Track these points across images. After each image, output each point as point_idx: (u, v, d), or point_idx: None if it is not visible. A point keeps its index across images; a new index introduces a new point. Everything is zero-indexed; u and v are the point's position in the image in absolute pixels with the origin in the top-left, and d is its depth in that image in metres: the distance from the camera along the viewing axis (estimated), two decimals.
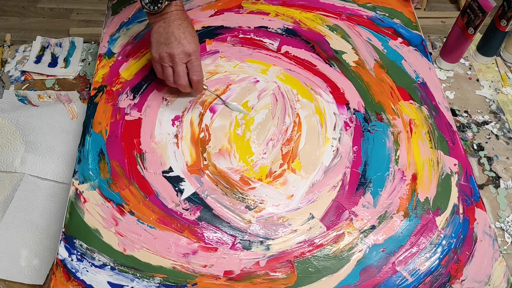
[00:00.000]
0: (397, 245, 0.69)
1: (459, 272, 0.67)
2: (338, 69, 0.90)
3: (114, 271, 0.66)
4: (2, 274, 0.75)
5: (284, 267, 0.67)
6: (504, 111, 0.93)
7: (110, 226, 0.69)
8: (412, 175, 0.76)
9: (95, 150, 0.77)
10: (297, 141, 0.80)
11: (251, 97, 0.85)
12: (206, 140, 0.79)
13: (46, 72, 1.00)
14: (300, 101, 0.85)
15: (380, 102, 0.86)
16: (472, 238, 0.70)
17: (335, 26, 0.98)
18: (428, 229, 0.71)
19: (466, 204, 0.74)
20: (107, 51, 0.91)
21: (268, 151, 0.78)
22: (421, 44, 0.95)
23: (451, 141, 0.81)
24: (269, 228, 0.70)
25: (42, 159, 0.84)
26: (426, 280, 0.66)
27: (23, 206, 0.81)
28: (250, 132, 0.81)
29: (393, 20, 1.00)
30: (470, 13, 0.91)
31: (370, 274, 0.66)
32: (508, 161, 0.86)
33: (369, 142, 0.80)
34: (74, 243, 0.68)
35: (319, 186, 0.75)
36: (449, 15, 1.53)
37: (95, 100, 0.83)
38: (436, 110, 0.85)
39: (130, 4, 1.00)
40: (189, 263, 0.67)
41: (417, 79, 0.89)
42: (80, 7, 1.54)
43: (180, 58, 0.76)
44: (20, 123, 0.89)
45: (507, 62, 1.03)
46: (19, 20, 1.57)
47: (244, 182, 0.75)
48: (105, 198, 0.72)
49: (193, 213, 0.71)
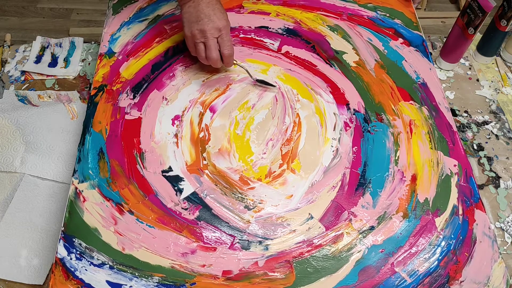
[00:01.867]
0: (396, 246, 0.69)
1: (458, 273, 0.67)
2: (338, 69, 0.90)
3: (113, 270, 0.66)
4: (2, 274, 0.75)
5: (282, 267, 0.67)
6: (504, 111, 0.93)
7: (109, 225, 0.69)
8: (412, 176, 0.76)
9: (95, 149, 0.77)
10: (297, 141, 0.80)
11: (252, 97, 0.85)
12: (206, 139, 0.79)
13: (46, 72, 1.00)
14: (300, 101, 0.85)
15: (380, 102, 0.85)
16: (471, 239, 0.70)
17: (336, 26, 0.97)
18: (427, 230, 0.71)
19: (465, 205, 0.73)
20: (108, 50, 0.91)
21: (268, 151, 0.78)
22: (422, 45, 0.95)
23: (451, 142, 0.81)
24: (268, 228, 0.70)
25: (42, 159, 0.84)
26: (425, 281, 0.66)
27: (23, 206, 0.81)
28: (250, 132, 0.81)
29: (394, 21, 0.99)
30: (470, 13, 0.91)
31: (368, 275, 0.66)
32: (508, 161, 0.86)
33: (369, 143, 0.80)
34: (73, 242, 0.68)
35: (318, 186, 0.75)
36: (449, 15, 1.52)
37: (95, 100, 0.83)
38: (436, 111, 0.85)
39: (130, 3, 1.00)
40: (187, 262, 0.67)
41: (417, 80, 0.89)
42: (80, 7, 1.55)
43: (211, 33, 0.79)
44: (20, 123, 0.89)
45: (507, 62, 1.03)
46: (19, 20, 1.57)
47: (243, 182, 0.75)
48: (104, 197, 0.72)
49: (192, 212, 0.71)
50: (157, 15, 0.97)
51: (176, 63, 0.89)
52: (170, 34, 0.94)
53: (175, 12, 0.98)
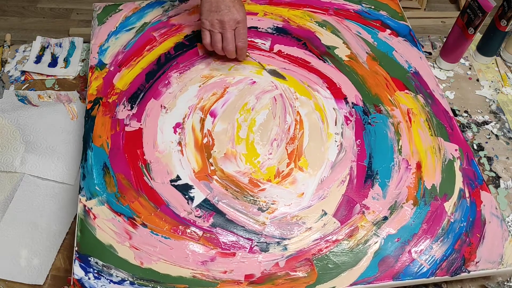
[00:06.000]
0: (410, 234, 0.70)
1: (472, 255, 0.69)
2: (332, 64, 0.91)
3: (134, 286, 0.64)
4: (2, 274, 0.74)
5: (303, 265, 0.67)
6: (504, 111, 0.94)
7: (124, 241, 0.68)
8: (417, 163, 0.78)
9: (98, 164, 0.75)
10: (301, 139, 0.80)
11: (250, 99, 0.85)
12: (210, 145, 0.79)
13: (46, 72, 0.99)
14: (298, 99, 0.85)
15: (377, 94, 0.87)
16: (481, 220, 0.72)
17: (324, 22, 0.98)
18: (438, 215, 0.72)
19: (471, 188, 0.75)
20: (98, 62, 0.89)
21: (274, 151, 0.79)
22: (409, 34, 0.97)
23: (450, 127, 0.83)
24: (284, 228, 0.70)
25: (42, 159, 0.83)
26: (442, 265, 0.68)
27: (23, 206, 0.80)
28: (253, 134, 0.81)
29: (380, 12, 1.01)
30: (470, 13, 0.90)
31: (388, 265, 0.67)
32: (508, 161, 0.87)
33: (371, 135, 0.81)
34: (89, 261, 0.66)
35: (327, 182, 0.75)
36: (449, 15, 1.53)
37: (92, 113, 0.81)
38: (431, 98, 0.86)
39: (115, 13, 0.98)
40: (208, 270, 0.66)
41: (409, 69, 0.91)
42: (80, 7, 1.53)
43: (230, 25, 0.81)
44: (20, 123, 0.88)
45: (507, 62, 1.03)
46: (19, 20, 1.55)
47: (253, 184, 0.75)
48: (115, 212, 0.71)
49: (207, 219, 0.71)
50: (144, 23, 0.96)
51: (170, 70, 0.88)
52: (160, 41, 0.92)
53: (161, 19, 0.97)
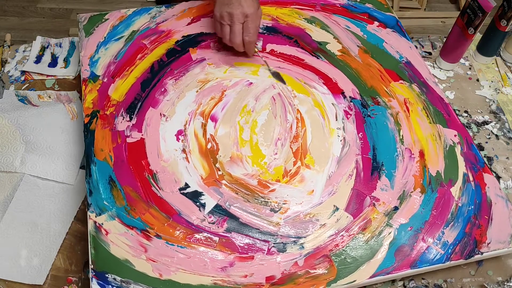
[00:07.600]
0: (422, 221, 0.72)
1: (483, 236, 0.71)
2: (325, 60, 0.92)
3: None
4: (2, 274, 0.72)
5: (322, 262, 0.68)
6: (504, 111, 0.94)
7: (139, 254, 0.67)
8: (419, 151, 0.79)
9: (104, 178, 0.74)
10: (304, 136, 0.81)
11: (249, 100, 0.85)
12: (214, 150, 0.78)
13: (46, 72, 0.98)
14: (297, 97, 0.86)
15: (373, 86, 0.88)
16: (487, 202, 0.74)
17: (313, 18, 0.99)
18: (445, 201, 0.74)
19: (474, 171, 0.77)
20: (91, 74, 0.87)
21: (279, 151, 0.79)
22: (397, 25, 0.98)
23: (446, 114, 0.84)
24: (299, 227, 0.71)
25: (42, 159, 0.82)
26: (456, 250, 0.69)
27: (23, 206, 0.78)
28: (256, 135, 0.80)
29: (366, 5, 1.02)
30: (470, 13, 0.91)
31: (404, 254, 0.68)
32: (508, 161, 0.88)
33: (372, 127, 0.82)
34: (106, 278, 0.65)
35: (335, 177, 0.76)
36: (449, 15, 1.55)
37: (91, 127, 0.80)
38: (426, 86, 0.88)
39: (102, 22, 0.96)
40: (229, 276, 0.66)
41: (401, 59, 0.92)
42: (80, 7, 1.51)
43: (238, 18, 0.81)
44: (20, 123, 0.86)
45: (507, 62, 1.04)
46: (19, 20, 1.54)
47: (262, 186, 0.75)
48: (127, 226, 0.70)
49: (221, 225, 0.70)
50: (132, 31, 0.94)
51: (165, 77, 0.87)
52: (151, 48, 0.91)
53: (150, 26, 0.95)
